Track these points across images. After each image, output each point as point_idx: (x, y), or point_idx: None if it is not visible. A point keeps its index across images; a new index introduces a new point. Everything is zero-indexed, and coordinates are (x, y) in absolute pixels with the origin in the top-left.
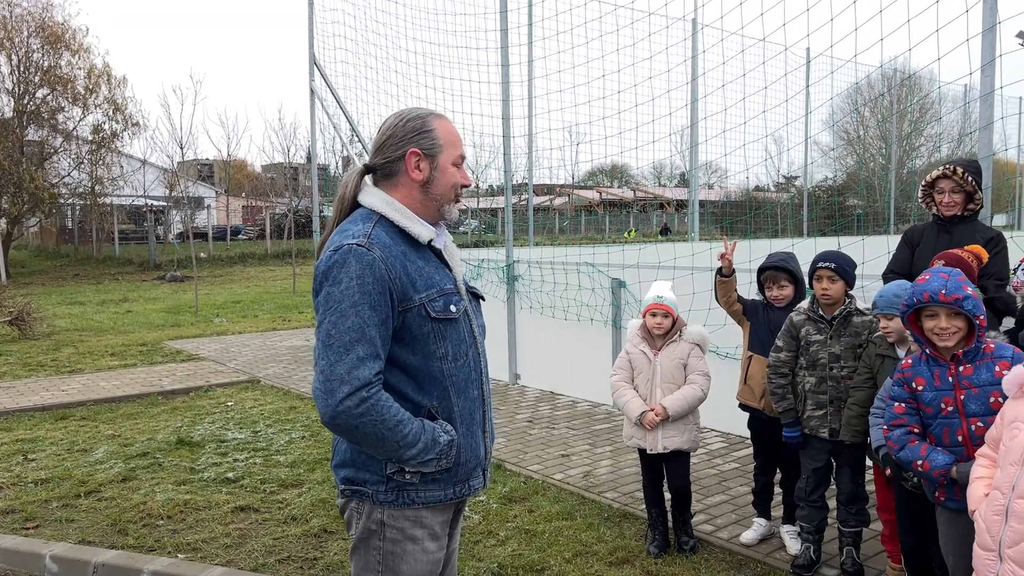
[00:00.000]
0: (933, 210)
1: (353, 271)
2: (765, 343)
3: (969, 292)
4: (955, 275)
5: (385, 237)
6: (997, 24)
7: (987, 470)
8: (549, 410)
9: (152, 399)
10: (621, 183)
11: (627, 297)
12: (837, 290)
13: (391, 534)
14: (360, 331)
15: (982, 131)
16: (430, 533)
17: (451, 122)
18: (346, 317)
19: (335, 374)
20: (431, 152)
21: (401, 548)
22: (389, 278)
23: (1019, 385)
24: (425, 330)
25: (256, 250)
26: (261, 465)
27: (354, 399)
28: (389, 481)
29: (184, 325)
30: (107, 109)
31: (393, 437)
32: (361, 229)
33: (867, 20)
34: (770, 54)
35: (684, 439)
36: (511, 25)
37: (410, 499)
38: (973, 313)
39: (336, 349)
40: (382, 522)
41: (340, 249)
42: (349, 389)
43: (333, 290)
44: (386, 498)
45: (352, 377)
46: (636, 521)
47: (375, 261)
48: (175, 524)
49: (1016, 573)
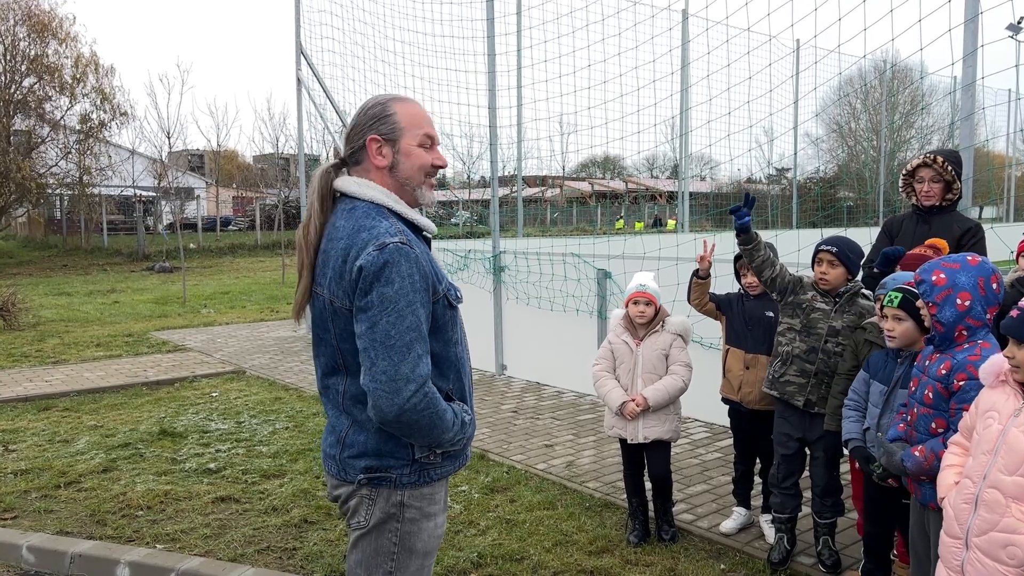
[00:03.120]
0: (913, 200)
1: (404, 271)
2: (741, 336)
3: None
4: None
5: (406, 231)
6: (979, 14)
7: (958, 458)
8: (534, 400)
9: (136, 390)
10: (613, 175)
11: (612, 288)
12: (836, 275)
13: (410, 514)
14: (417, 329)
15: (964, 121)
16: (441, 507)
17: (417, 104)
18: (404, 317)
19: (400, 374)
20: (391, 136)
21: (418, 527)
22: (429, 273)
23: (995, 374)
24: (446, 318)
25: (246, 241)
26: (243, 456)
27: (419, 396)
28: (414, 463)
29: (171, 316)
30: (95, 98)
31: (442, 425)
32: (389, 226)
33: (851, 10)
34: (755, 43)
35: (665, 429)
36: (497, 14)
37: (431, 476)
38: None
39: (399, 349)
40: (402, 503)
41: (385, 248)
42: (415, 387)
43: (387, 291)
44: (410, 479)
45: (416, 375)
46: (617, 511)
47: (418, 258)
48: (154, 515)
49: (982, 562)
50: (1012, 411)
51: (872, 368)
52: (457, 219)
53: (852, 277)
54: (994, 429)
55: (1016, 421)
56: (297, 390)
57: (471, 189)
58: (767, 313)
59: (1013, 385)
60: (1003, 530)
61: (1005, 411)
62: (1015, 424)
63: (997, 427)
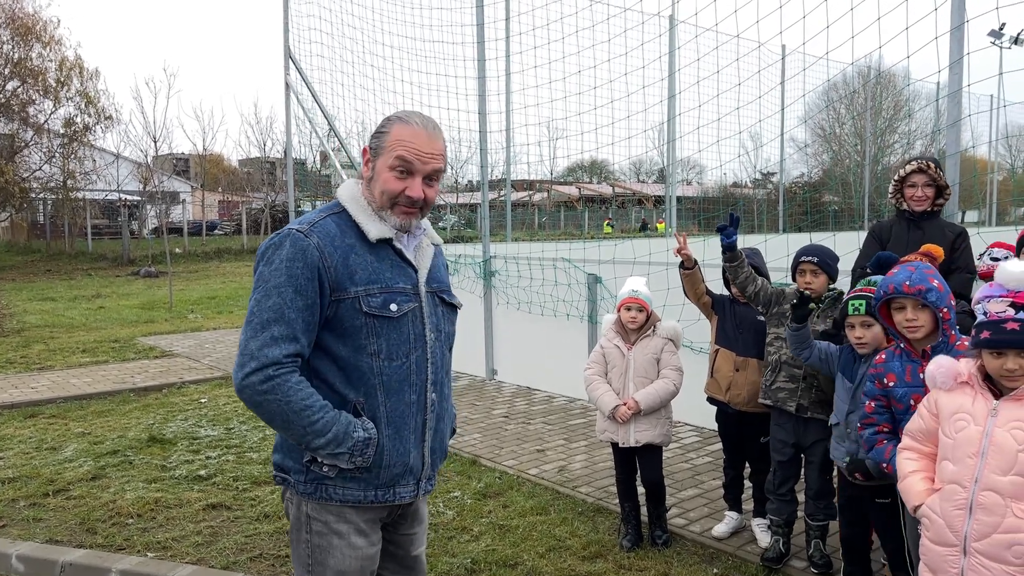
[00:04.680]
0: (903, 205)
1: (285, 254)
2: (731, 337)
3: (934, 284)
4: (921, 268)
5: (333, 228)
6: (965, 22)
7: (919, 463)
8: (525, 405)
9: (124, 396)
10: (600, 179)
11: (603, 292)
12: (820, 283)
13: (316, 527)
14: (279, 311)
15: (950, 128)
16: (356, 529)
17: (416, 127)
18: (269, 296)
19: (247, 349)
20: (375, 152)
21: (327, 542)
22: (322, 266)
23: (953, 376)
24: (357, 323)
25: (232, 245)
26: (234, 462)
27: (259, 376)
28: (308, 472)
29: (158, 321)
30: (79, 102)
31: (299, 421)
32: (311, 217)
33: (839, 17)
34: (745, 50)
35: (656, 433)
36: (487, 20)
37: (328, 495)
38: (936, 305)
39: (254, 325)
40: (308, 515)
41: (280, 233)
42: (256, 365)
43: (264, 270)
44: (306, 489)
45: (261, 354)
46: (610, 515)
47: (309, 247)
48: (145, 522)
49: (985, 566)
50: (987, 412)
51: (842, 365)
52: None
53: (833, 282)
54: (972, 431)
55: (996, 421)
56: None
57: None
58: (759, 318)
59: (980, 386)
60: (1006, 531)
61: (979, 413)
62: (996, 424)
63: (976, 428)
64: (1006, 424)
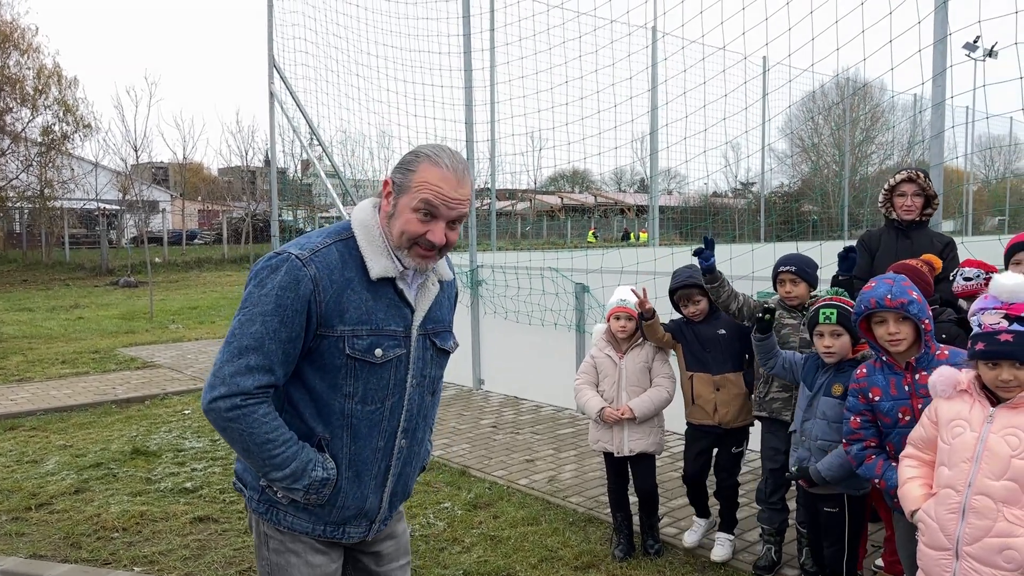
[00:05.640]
0: (892, 214)
1: (279, 281)
2: (701, 359)
3: (914, 297)
4: (900, 281)
5: (335, 258)
6: (948, 36)
7: (918, 470)
8: (513, 415)
9: (106, 408)
10: (582, 188)
11: (591, 302)
12: (800, 291)
13: (273, 544)
14: (260, 340)
15: (933, 139)
16: (311, 548)
17: (446, 169)
18: (253, 322)
19: (221, 372)
20: (399, 188)
21: (285, 560)
22: (314, 299)
23: (952, 385)
24: (338, 363)
25: (213, 255)
26: (220, 474)
27: (226, 403)
28: (263, 492)
29: (138, 332)
30: (57, 110)
31: (259, 453)
32: (315, 243)
33: (823, 30)
34: (730, 62)
35: (650, 441)
36: (474, 30)
37: (277, 520)
38: (918, 317)
39: (232, 349)
40: (264, 532)
41: (280, 255)
42: (225, 391)
43: (254, 291)
44: (258, 508)
45: (232, 382)
46: (601, 525)
47: (304, 278)
48: (131, 536)
49: (977, 570)
50: (984, 418)
51: (804, 374)
52: None
53: (814, 290)
54: (968, 437)
55: (992, 427)
56: None
57: None
58: (719, 332)
59: (978, 394)
60: (998, 535)
61: (976, 419)
62: (992, 430)
63: (972, 435)
64: (1001, 430)
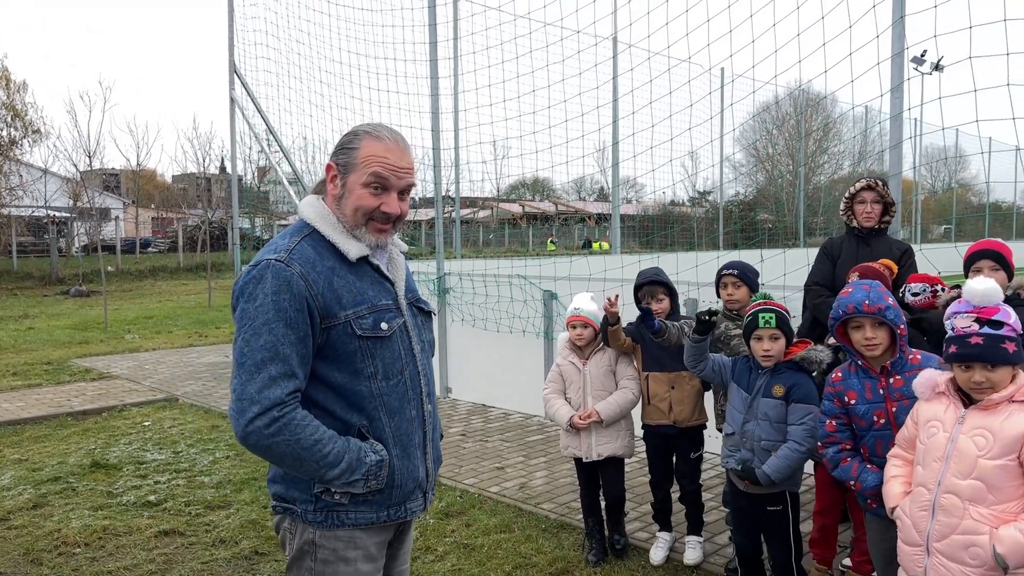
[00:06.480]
0: (853, 223)
1: (269, 287)
2: (658, 358)
3: (890, 303)
4: (876, 287)
5: (310, 252)
6: (905, 49)
7: (901, 469)
8: (482, 423)
9: (61, 420)
10: (543, 197)
11: (559, 309)
12: (742, 294)
13: (323, 555)
14: (273, 349)
15: (893, 149)
16: (365, 554)
17: (388, 142)
18: (259, 335)
19: (246, 394)
20: (343, 169)
21: (333, 569)
22: (309, 295)
23: (931, 387)
24: (351, 348)
25: (168, 263)
26: (185, 487)
27: (264, 419)
28: (317, 501)
29: (93, 342)
30: (5, 115)
31: (311, 457)
32: (285, 244)
33: (786, 43)
34: (690, 74)
35: (618, 445)
36: (440, 38)
37: (340, 521)
38: (895, 323)
39: (248, 368)
40: (313, 542)
41: (259, 264)
42: (259, 409)
43: (248, 307)
44: (315, 518)
45: (262, 397)
46: (574, 531)
47: (293, 277)
48: (94, 551)
49: (945, 565)
50: (956, 419)
51: (737, 376)
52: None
53: (754, 293)
54: (940, 437)
55: (962, 428)
56: None
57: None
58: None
59: (953, 396)
60: (964, 532)
61: (948, 420)
62: (962, 431)
63: (944, 435)
64: (970, 431)
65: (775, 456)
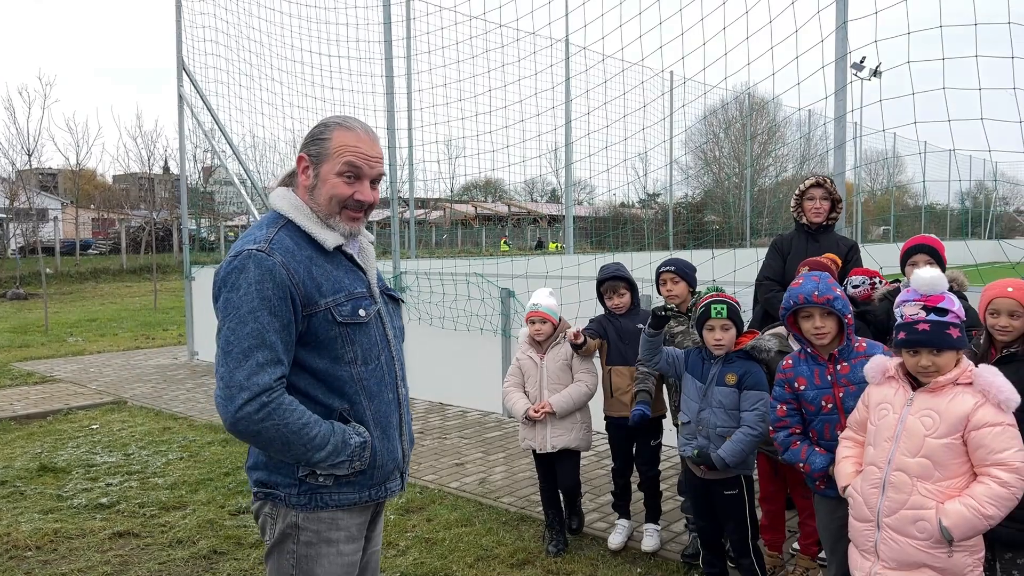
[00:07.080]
0: (803, 219)
1: (252, 276)
2: (621, 352)
3: (838, 293)
4: (825, 278)
5: (288, 242)
6: (848, 53)
7: (851, 450)
8: (439, 420)
9: (4, 424)
10: (496, 198)
11: (516, 306)
12: (680, 290)
13: (305, 537)
14: (259, 337)
15: (837, 149)
16: (347, 535)
17: (360, 132)
18: (245, 323)
19: (234, 381)
20: (316, 160)
21: (316, 551)
22: (291, 283)
23: (882, 372)
24: (332, 334)
25: (110, 265)
26: (138, 488)
27: (253, 404)
28: (301, 484)
29: (34, 345)
30: None
31: (299, 440)
32: (264, 234)
33: (735, 46)
34: (640, 78)
35: (572, 437)
36: (394, 37)
37: (323, 502)
38: (843, 312)
39: (235, 356)
40: (296, 525)
41: (240, 255)
42: (248, 395)
43: (231, 296)
44: (299, 501)
45: (251, 383)
46: (534, 523)
47: (275, 266)
48: (46, 555)
49: (894, 539)
50: (905, 401)
51: (691, 367)
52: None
53: (693, 291)
54: (891, 418)
55: (911, 409)
56: (187, 419)
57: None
58: (639, 326)
59: (902, 379)
60: (911, 507)
61: (898, 402)
62: (910, 412)
63: (894, 416)
64: (918, 412)
65: (729, 441)
